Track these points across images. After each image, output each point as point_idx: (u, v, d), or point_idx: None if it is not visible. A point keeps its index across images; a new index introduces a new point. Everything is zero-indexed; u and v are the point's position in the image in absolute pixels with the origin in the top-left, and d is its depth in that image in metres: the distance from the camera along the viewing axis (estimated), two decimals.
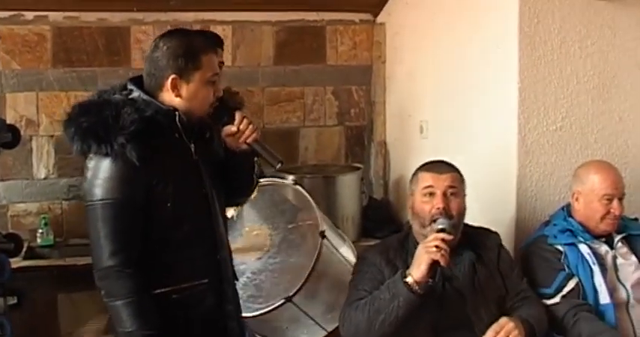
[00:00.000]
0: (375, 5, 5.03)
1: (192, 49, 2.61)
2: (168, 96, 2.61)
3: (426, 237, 2.98)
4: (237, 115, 2.73)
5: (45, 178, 4.70)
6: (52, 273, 4.18)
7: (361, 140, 5.22)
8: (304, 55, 5.03)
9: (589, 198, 3.37)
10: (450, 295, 3.02)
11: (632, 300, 3.30)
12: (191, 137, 2.68)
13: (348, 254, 3.78)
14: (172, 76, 2.59)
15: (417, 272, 2.84)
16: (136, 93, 2.61)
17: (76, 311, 4.31)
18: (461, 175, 3.19)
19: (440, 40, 4.36)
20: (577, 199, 3.41)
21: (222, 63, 3.79)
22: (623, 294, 3.30)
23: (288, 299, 3.41)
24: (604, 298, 3.23)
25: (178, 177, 2.62)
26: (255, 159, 2.85)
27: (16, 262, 3.98)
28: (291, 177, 3.91)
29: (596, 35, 3.72)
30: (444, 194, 3.08)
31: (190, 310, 2.68)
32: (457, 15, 4.15)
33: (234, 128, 2.72)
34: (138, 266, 2.54)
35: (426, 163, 3.26)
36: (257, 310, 3.37)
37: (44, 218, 4.60)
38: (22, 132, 4.09)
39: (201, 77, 2.62)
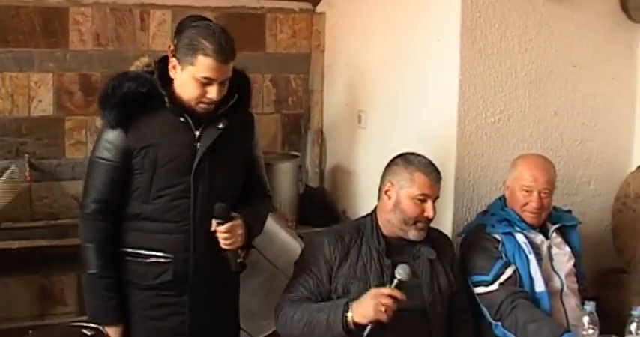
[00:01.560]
0: None
1: (197, 46, 2.81)
2: (172, 74, 2.89)
3: (401, 231, 3.17)
4: (224, 227, 2.87)
5: None
6: None
7: (298, 128, 5.22)
8: (243, 42, 4.88)
9: (513, 187, 3.49)
10: (410, 293, 3.01)
11: (565, 289, 3.42)
12: (199, 124, 2.89)
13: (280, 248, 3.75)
14: (174, 57, 2.86)
15: (358, 316, 2.87)
16: (155, 73, 2.93)
17: (9, 296, 4.26)
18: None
19: (381, 30, 4.39)
20: (507, 188, 3.52)
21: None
22: (557, 283, 3.41)
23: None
24: (539, 286, 3.33)
25: (162, 153, 2.86)
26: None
27: None
28: None
29: (535, 32, 3.82)
30: (433, 202, 3.20)
31: (146, 278, 2.92)
32: (399, 7, 4.19)
33: (213, 228, 2.88)
34: (111, 219, 2.92)
35: (423, 164, 3.26)
36: None
37: None
38: None
39: (192, 72, 2.80)
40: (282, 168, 4.68)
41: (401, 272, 2.94)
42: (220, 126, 2.90)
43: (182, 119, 2.88)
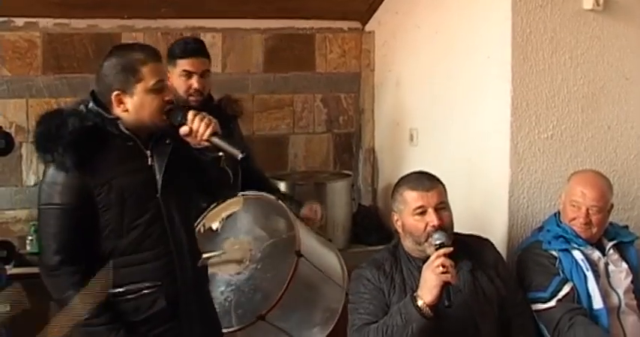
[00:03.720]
0: (364, 14, 5.06)
1: (130, 62, 2.71)
2: (118, 112, 2.73)
3: (423, 252, 3.08)
4: (189, 114, 2.74)
5: (34, 185, 4.65)
6: (43, 281, 4.16)
7: (349, 147, 5.24)
8: (293, 63, 5.04)
9: (564, 202, 3.49)
10: (456, 307, 3.01)
11: (623, 306, 3.38)
12: (148, 144, 2.78)
13: (332, 265, 3.76)
14: (116, 92, 2.70)
15: (428, 296, 2.87)
16: (90, 105, 2.75)
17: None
18: (443, 185, 3.25)
19: (429, 48, 4.40)
20: (562, 203, 3.52)
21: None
22: (615, 300, 3.37)
23: (261, 318, 3.31)
24: (597, 303, 3.30)
25: (126, 184, 2.71)
26: (220, 154, 2.81)
27: (7, 269, 3.96)
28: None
29: (586, 46, 3.79)
30: (435, 210, 3.13)
31: (139, 313, 2.76)
32: (447, 24, 4.20)
33: (186, 128, 2.73)
34: (79, 263, 2.67)
35: (407, 177, 3.29)
36: (228, 327, 3.29)
37: (34, 225, 4.56)
38: None
39: (144, 88, 2.70)
40: (335, 188, 4.68)
41: (437, 236, 3.01)
42: (167, 142, 2.81)
43: (130, 143, 2.75)
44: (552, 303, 3.26)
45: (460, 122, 4.09)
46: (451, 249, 2.96)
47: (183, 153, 2.83)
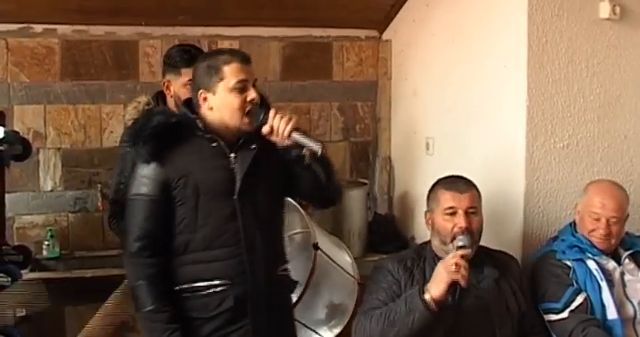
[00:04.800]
0: (382, 22, 5.07)
1: (215, 62, 2.86)
2: (204, 110, 2.87)
3: (447, 253, 3.06)
4: (270, 112, 2.83)
5: (51, 190, 4.71)
6: (59, 286, 4.19)
7: (366, 156, 5.25)
8: (310, 71, 5.06)
9: (583, 212, 3.45)
10: (472, 304, 3.09)
11: (639, 316, 3.33)
12: (233, 147, 2.87)
13: (344, 260, 3.79)
14: (200, 91, 2.87)
15: (435, 290, 2.90)
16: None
17: (83, 324, 4.32)
18: (478, 191, 3.28)
19: (446, 57, 4.40)
20: (577, 213, 3.48)
21: (256, 79, 3.81)
22: (630, 310, 3.33)
23: None
24: (612, 313, 3.27)
25: (203, 180, 2.84)
26: (303, 151, 2.87)
27: (23, 274, 3.99)
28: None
29: (602, 55, 3.76)
30: (466, 213, 3.16)
31: (207, 310, 2.87)
32: (465, 33, 4.19)
33: (267, 126, 2.82)
34: (159, 255, 2.85)
35: (445, 179, 3.33)
36: None
37: (50, 230, 4.61)
38: None
39: (225, 86, 2.81)
40: (351, 196, 4.70)
41: (460, 238, 3.04)
42: (253, 147, 2.87)
43: (214, 144, 2.87)
44: (565, 314, 3.24)
45: (475, 131, 4.08)
46: (469, 251, 2.99)
47: (272, 158, 2.91)
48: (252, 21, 4.84)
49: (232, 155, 2.88)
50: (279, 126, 2.79)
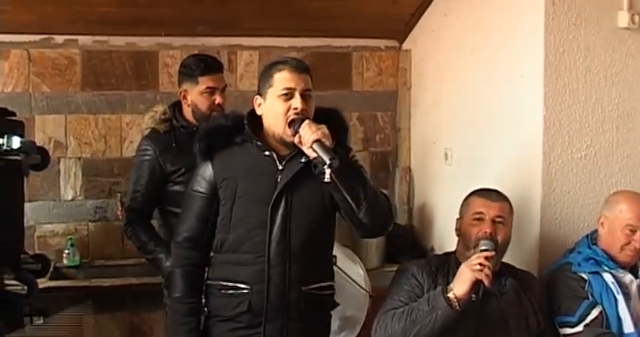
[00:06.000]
0: (401, 32, 5.06)
1: (269, 69, 2.94)
2: (259, 113, 2.97)
3: (468, 258, 3.07)
4: (304, 122, 2.82)
5: (72, 200, 4.74)
6: (77, 294, 4.21)
7: (386, 166, 5.23)
8: (330, 81, 5.04)
9: (613, 225, 3.38)
10: (493, 313, 3.11)
11: None
12: (284, 158, 2.92)
13: (356, 273, 3.78)
14: (256, 96, 2.97)
15: (459, 288, 2.93)
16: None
17: (100, 333, 4.35)
18: (511, 206, 3.30)
19: (465, 67, 4.38)
20: (602, 224, 3.42)
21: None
22: None
23: None
24: (628, 327, 3.23)
25: (243, 184, 2.93)
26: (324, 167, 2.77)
27: (42, 282, 3.98)
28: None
29: (621, 65, 3.73)
30: (493, 221, 3.19)
31: (226, 310, 2.95)
32: (482, 43, 4.17)
33: (297, 136, 2.83)
34: (199, 249, 3.01)
35: (480, 189, 3.36)
36: None
37: (70, 239, 4.64)
38: (50, 154, 4.12)
39: (274, 93, 2.89)
40: None
41: (484, 242, 3.08)
42: (303, 159, 2.88)
43: (267, 153, 2.92)
44: (580, 328, 3.20)
45: (493, 141, 4.05)
46: (493, 253, 3.01)
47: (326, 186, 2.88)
48: (272, 31, 4.84)
49: (280, 166, 2.92)
50: (305, 135, 2.78)
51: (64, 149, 4.71)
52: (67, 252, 4.62)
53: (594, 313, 3.21)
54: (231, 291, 2.93)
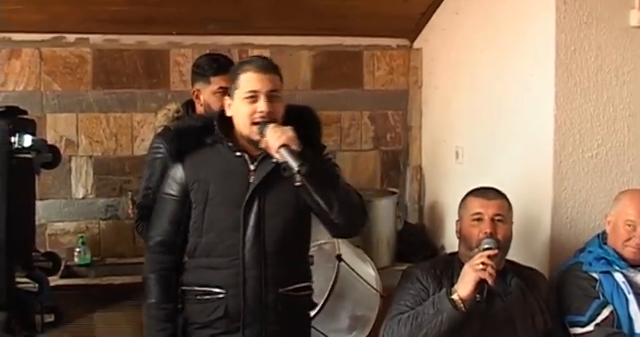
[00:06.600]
0: (412, 31, 5.06)
1: (236, 70, 2.90)
2: (229, 113, 2.93)
3: (470, 258, 3.05)
4: (269, 126, 2.78)
5: (83, 198, 4.76)
6: (88, 292, 4.22)
7: (397, 164, 5.23)
8: (341, 80, 5.05)
9: (616, 222, 3.38)
10: (498, 313, 3.09)
11: None
12: (256, 158, 2.87)
13: (367, 273, 3.78)
14: (226, 97, 2.94)
15: (463, 290, 2.91)
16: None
17: (112, 331, 4.35)
18: (509, 203, 3.28)
19: (476, 66, 4.37)
20: (609, 223, 3.42)
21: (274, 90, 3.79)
22: None
23: None
24: (639, 327, 3.20)
25: (215, 186, 2.87)
26: (296, 172, 2.72)
27: (53, 280, 4.02)
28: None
29: (633, 63, 3.71)
30: (492, 219, 3.17)
31: (202, 316, 2.89)
32: (493, 42, 4.17)
33: (263, 140, 2.78)
34: (173, 253, 2.96)
35: (476, 189, 3.34)
36: None
37: (82, 237, 4.65)
38: (61, 153, 4.14)
39: (239, 95, 2.84)
40: (381, 205, 4.68)
41: (486, 241, 3.06)
42: (274, 160, 2.79)
43: (238, 154, 2.87)
44: (590, 327, 3.19)
45: (504, 140, 4.05)
46: (496, 251, 3.00)
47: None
48: (283, 30, 4.85)
49: (252, 167, 2.86)
50: (270, 140, 2.73)
51: (75, 147, 4.72)
52: (78, 250, 4.64)
53: (605, 313, 3.20)
54: (206, 297, 2.87)
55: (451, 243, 4.55)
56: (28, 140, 3.48)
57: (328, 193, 2.79)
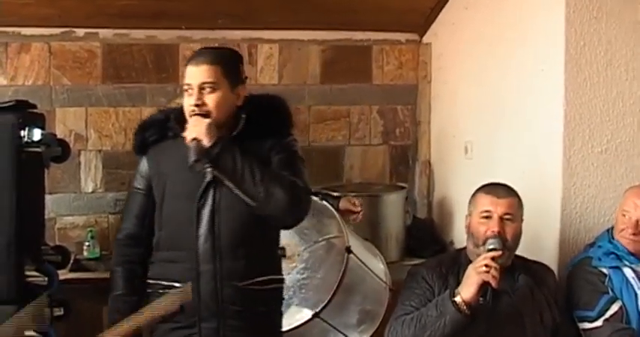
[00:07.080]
0: (422, 25, 5.04)
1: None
2: None
3: (478, 256, 3.04)
4: (191, 119, 2.81)
5: (92, 192, 4.77)
6: (97, 286, 4.23)
7: (406, 159, 5.22)
8: (350, 74, 5.05)
9: (617, 214, 3.41)
10: (506, 310, 3.08)
11: None
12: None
13: (377, 267, 3.78)
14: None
15: (466, 292, 2.89)
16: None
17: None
18: (519, 200, 3.24)
19: (485, 60, 4.36)
20: (615, 217, 3.44)
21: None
22: None
23: (316, 315, 3.39)
24: None
25: (172, 180, 2.90)
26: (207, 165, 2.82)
27: (62, 274, 4.01)
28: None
29: None
30: (501, 218, 3.14)
31: None
32: (503, 36, 4.16)
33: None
34: (139, 247, 2.99)
35: (487, 185, 3.31)
36: (285, 325, 3.31)
37: (91, 231, 4.66)
38: (71, 147, 4.14)
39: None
40: (390, 200, 4.68)
41: (491, 241, 3.03)
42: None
43: None
44: (599, 323, 3.18)
45: (513, 135, 4.04)
46: (500, 253, 2.98)
47: None
48: (292, 24, 4.85)
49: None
50: (187, 132, 2.77)
51: (84, 141, 4.73)
52: (87, 243, 4.65)
53: (614, 308, 3.19)
54: (167, 290, 2.85)
55: (460, 238, 4.55)
56: (37, 134, 3.48)
57: (244, 188, 2.76)
